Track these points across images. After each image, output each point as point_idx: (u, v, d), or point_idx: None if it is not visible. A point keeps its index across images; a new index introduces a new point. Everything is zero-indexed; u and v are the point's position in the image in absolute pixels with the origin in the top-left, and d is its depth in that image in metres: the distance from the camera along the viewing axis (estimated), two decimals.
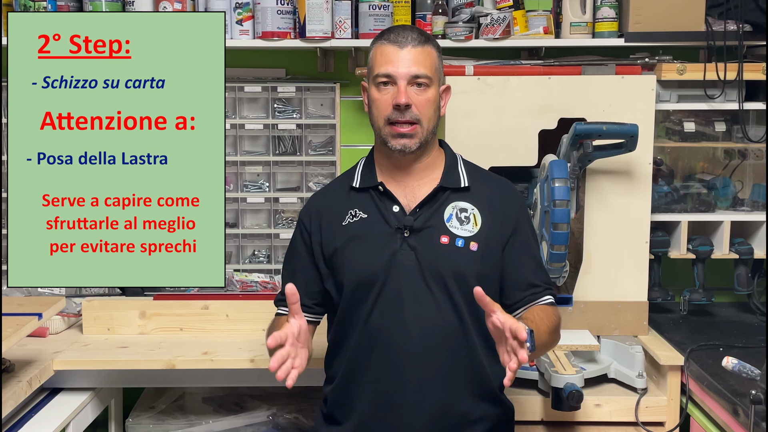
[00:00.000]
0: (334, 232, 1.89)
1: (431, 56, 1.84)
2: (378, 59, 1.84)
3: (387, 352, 1.82)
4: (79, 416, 2.30)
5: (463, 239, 1.84)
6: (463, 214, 1.87)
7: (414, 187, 1.89)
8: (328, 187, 2.03)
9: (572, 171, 2.39)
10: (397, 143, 1.82)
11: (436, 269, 1.82)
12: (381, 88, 1.83)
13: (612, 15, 2.64)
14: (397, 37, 1.83)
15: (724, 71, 2.52)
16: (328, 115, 2.92)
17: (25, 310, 2.13)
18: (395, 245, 1.83)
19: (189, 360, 2.33)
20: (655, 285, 2.65)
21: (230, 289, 2.74)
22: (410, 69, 1.80)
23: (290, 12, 2.69)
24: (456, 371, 1.83)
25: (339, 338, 1.92)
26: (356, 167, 1.97)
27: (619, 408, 2.32)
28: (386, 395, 1.83)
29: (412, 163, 1.89)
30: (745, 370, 2.09)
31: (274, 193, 2.93)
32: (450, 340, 1.82)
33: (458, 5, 2.70)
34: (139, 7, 2.66)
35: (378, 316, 1.83)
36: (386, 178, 1.90)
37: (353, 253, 1.86)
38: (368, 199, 1.89)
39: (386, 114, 1.82)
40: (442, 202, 1.87)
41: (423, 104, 1.82)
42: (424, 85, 1.82)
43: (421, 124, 1.82)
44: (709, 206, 2.68)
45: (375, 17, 2.67)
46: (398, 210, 1.86)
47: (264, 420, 2.62)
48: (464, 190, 1.90)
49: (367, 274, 1.83)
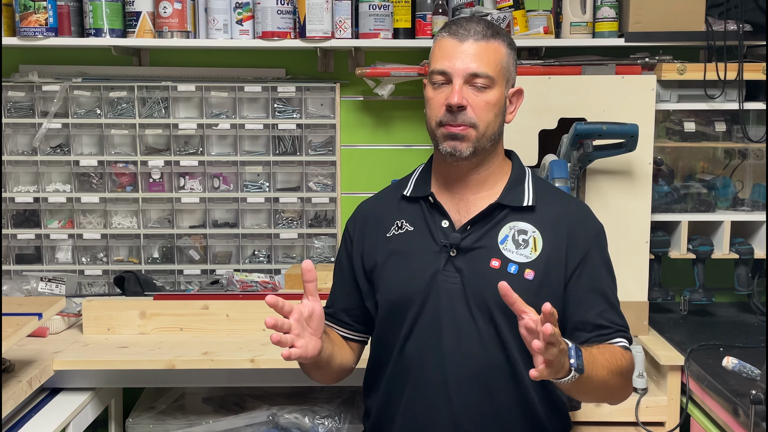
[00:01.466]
0: (376, 244, 1.71)
1: (497, 53, 1.62)
2: (436, 54, 1.64)
3: (421, 387, 1.63)
4: (79, 416, 2.30)
5: (517, 265, 1.62)
6: (521, 237, 1.64)
7: (469, 201, 1.68)
8: (379, 194, 1.84)
9: (572, 171, 2.39)
10: (448, 145, 1.61)
11: (482, 296, 1.60)
12: (436, 87, 1.63)
13: (612, 15, 2.64)
14: (459, 29, 1.62)
15: (725, 71, 2.52)
16: (328, 115, 2.92)
17: (25, 310, 2.13)
18: (438, 265, 1.63)
19: (189, 360, 2.33)
20: (656, 285, 2.65)
21: (230, 289, 2.73)
22: (468, 66, 1.59)
23: (290, 12, 2.69)
24: (498, 417, 1.62)
25: (375, 366, 1.75)
26: (411, 175, 1.78)
27: (619, 408, 2.31)
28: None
29: (469, 173, 1.67)
30: (745, 370, 2.09)
31: (274, 193, 2.93)
32: (493, 379, 1.61)
33: (458, 5, 2.70)
34: (139, 8, 2.67)
35: (414, 344, 1.64)
36: (440, 189, 1.70)
37: (392, 270, 1.67)
38: (418, 210, 1.70)
39: (439, 116, 1.62)
40: (499, 221, 1.65)
41: (481, 107, 1.60)
42: (484, 86, 1.61)
43: (477, 128, 1.61)
44: (709, 206, 2.68)
45: (375, 17, 2.67)
46: (447, 225, 1.66)
47: (264, 420, 2.62)
48: (527, 209, 1.66)
49: (403, 294, 1.64)
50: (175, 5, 2.66)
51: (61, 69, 2.91)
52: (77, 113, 2.88)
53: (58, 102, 2.84)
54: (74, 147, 2.88)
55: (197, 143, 2.91)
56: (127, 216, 2.94)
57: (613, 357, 1.56)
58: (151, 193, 2.91)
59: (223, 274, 2.86)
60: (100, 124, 2.87)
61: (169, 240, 2.93)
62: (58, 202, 2.90)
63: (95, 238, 2.92)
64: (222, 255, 2.97)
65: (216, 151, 2.93)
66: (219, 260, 2.96)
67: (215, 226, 2.95)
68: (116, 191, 2.91)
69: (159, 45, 2.76)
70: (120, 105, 2.88)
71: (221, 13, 2.68)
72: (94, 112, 2.88)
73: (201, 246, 2.95)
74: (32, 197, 2.89)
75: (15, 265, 2.92)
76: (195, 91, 2.87)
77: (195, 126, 2.88)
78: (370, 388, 1.76)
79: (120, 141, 2.91)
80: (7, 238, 2.90)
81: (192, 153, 2.91)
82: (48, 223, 2.92)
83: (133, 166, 2.89)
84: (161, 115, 2.88)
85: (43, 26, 2.64)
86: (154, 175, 2.91)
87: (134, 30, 2.69)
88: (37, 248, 2.93)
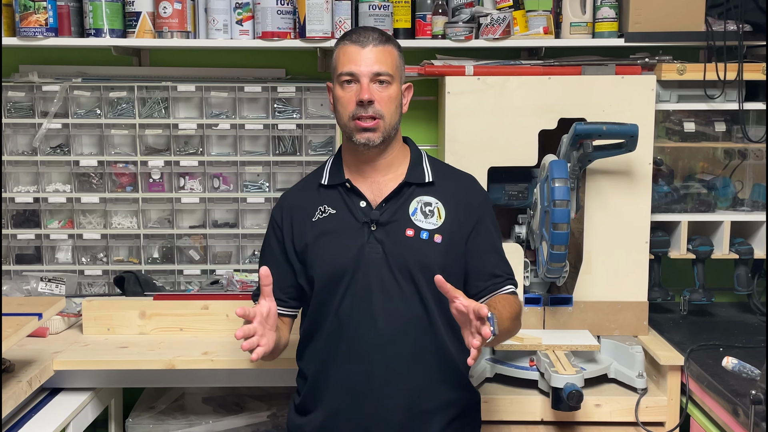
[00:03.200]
0: (304, 228, 1.97)
1: (392, 55, 1.92)
2: (341, 59, 1.92)
3: (356, 342, 1.89)
4: (79, 416, 2.30)
5: (427, 232, 1.92)
6: (427, 208, 1.94)
7: (380, 183, 1.97)
8: (297, 186, 2.12)
9: (572, 171, 2.39)
10: (362, 137, 1.89)
11: (403, 261, 1.89)
12: (345, 87, 1.91)
13: (612, 15, 2.64)
14: (358, 37, 1.91)
15: (724, 71, 2.52)
16: (328, 115, 2.91)
17: (25, 310, 2.13)
18: (363, 239, 1.91)
19: (189, 360, 2.33)
20: (655, 285, 2.65)
21: (230, 289, 2.74)
22: (372, 67, 1.88)
23: (290, 12, 2.69)
24: (423, 360, 1.90)
25: (310, 330, 1.97)
26: (324, 166, 2.05)
27: (619, 408, 2.32)
28: (356, 384, 1.90)
29: (377, 158, 1.96)
30: (745, 370, 2.09)
31: (274, 193, 2.92)
32: (417, 329, 1.89)
33: (458, 5, 2.70)
34: (139, 8, 2.67)
35: (348, 307, 1.90)
36: (353, 175, 1.98)
37: (323, 248, 1.93)
38: (336, 195, 1.97)
39: (350, 110, 1.89)
40: (408, 197, 1.95)
41: (385, 100, 1.89)
42: (385, 83, 1.90)
43: (384, 119, 1.89)
44: (709, 206, 2.68)
45: (375, 17, 2.67)
46: (365, 205, 1.93)
47: (264, 420, 2.63)
48: (429, 185, 1.97)
49: (336, 267, 1.90)
50: (175, 5, 2.66)
51: (61, 69, 2.91)
52: (77, 113, 2.87)
53: (58, 102, 2.84)
54: (74, 147, 2.88)
55: (197, 143, 2.91)
56: (127, 216, 2.93)
57: (510, 306, 1.90)
58: (151, 193, 2.91)
59: (223, 274, 2.86)
60: (100, 124, 2.87)
61: (169, 240, 2.93)
62: (58, 202, 2.90)
63: (95, 238, 2.92)
64: (222, 255, 2.97)
65: (216, 151, 2.93)
66: (219, 260, 2.96)
67: (215, 226, 2.95)
68: (116, 191, 2.91)
69: (159, 45, 2.76)
70: (120, 105, 2.88)
71: (221, 13, 2.68)
72: (94, 112, 2.88)
73: (201, 246, 2.95)
74: (32, 197, 2.89)
75: (15, 265, 2.92)
76: (195, 91, 2.86)
77: (195, 126, 2.88)
78: (305, 350, 2.00)
79: (120, 141, 2.91)
80: (7, 238, 2.89)
81: (192, 153, 2.91)
82: (48, 223, 2.92)
83: (133, 166, 2.89)
84: (161, 115, 2.88)
85: (43, 26, 2.64)
86: (154, 175, 2.91)
87: (134, 30, 2.69)
88: (37, 248, 2.93)
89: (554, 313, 2.52)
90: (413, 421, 1.90)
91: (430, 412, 1.92)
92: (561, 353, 2.35)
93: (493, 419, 2.30)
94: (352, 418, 1.91)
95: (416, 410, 1.90)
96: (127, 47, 2.79)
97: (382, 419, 1.89)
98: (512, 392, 2.36)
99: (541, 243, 2.39)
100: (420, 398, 1.90)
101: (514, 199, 2.60)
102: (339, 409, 1.92)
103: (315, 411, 1.96)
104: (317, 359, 1.95)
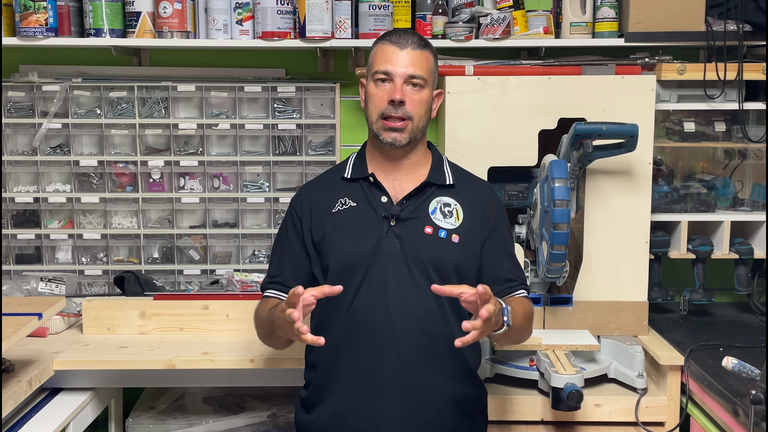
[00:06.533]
0: (323, 219, 1.99)
1: (428, 60, 1.96)
2: (378, 57, 1.96)
3: (370, 335, 1.90)
4: (79, 416, 2.30)
5: (445, 231, 1.95)
6: (446, 209, 1.98)
7: (402, 180, 2.00)
8: (319, 178, 2.13)
9: (572, 171, 2.39)
10: (389, 136, 1.93)
11: (419, 257, 1.92)
12: (379, 85, 1.94)
13: (612, 15, 2.64)
14: (398, 38, 1.95)
15: (724, 71, 2.52)
16: (328, 115, 2.92)
17: (25, 310, 2.13)
18: (381, 232, 1.93)
19: (189, 360, 2.33)
20: (655, 285, 2.65)
21: (230, 289, 2.74)
22: (407, 69, 1.92)
23: (290, 12, 2.69)
24: (435, 354, 1.92)
25: (322, 322, 1.97)
26: (348, 160, 2.08)
27: (619, 408, 2.32)
28: (367, 376, 1.90)
29: (402, 158, 2.00)
30: (745, 370, 2.09)
31: (274, 193, 2.93)
32: (430, 324, 1.92)
33: (458, 5, 2.70)
34: (139, 8, 2.67)
35: (363, 299, 1.91)
36: (376, 170, 2.01)
37: (341, 238, 1.95)
38: (358, 189, 2.00)
39: (381, 108, 1.93)
40: (428, 196, 1.99)
41: (416, 103, 1.93)
42: (419, 86, 1.93)
43: (413, 120, 1.93)
44: (709, 206, 2.68)
45: (375, 17, 2.67)
46: (386, 200, 1.97)
47: (264, 420, 2.63)
48: (449, 187, 2.02)
49: (352, 258, 1.92)
50: (175, 5, 2.66)
51: (61, 69, 2.91)
52: (77, 113, 2.88)
53: (58, 102, 2.84)
54: (74, 147, 2.88)
55: (197, 143, 2.91)
56: (127, 216, 2.94)
57: (523, 305, 1.95)
58: (151, 193, 2.91)
59: (223, 274, 2.86)
60: (100, 124, 2.87)
61: (169, 240, 2.93)
62: (58, 202, 2.90)
63: (95, 238, 2.92)
64: (222, 255, 2.97)
65: (216, 151, 2.93)
66: (219, 260, 2.96)
67: (215, 226, 2.95)
68: (116, 191, 2.91)
69: (159, 45, 2.76)
70: (120, 105, 2.88)
71: (221, 13, 2.68)
72: (94, 112, 2.88)
73: (201, 246, 2.95)
74: (32, 197, 2.89)
75: (15, 265, 2.92)
76: (195, 91, 2.87)
77: (195, 126, 2.88)
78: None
79: (120, 141, 2.91)
80: (7, 238, 2.90)
81: (192, 153, 2.91)
82: (48, 223, 2.92)
83: (133, 166, 2.89)
84: (161, 115, 2.88)
85: (43, 26, 2.64)
86: (154, 175, 2.91)
87: (134, 30, 2.69)
88: (37, 248, 2.93)
89: (554, 313, 2.52)
90: (423, 414, 1.91)
91: (439, 406, 1.93)
92: (561, 353, 2.35)
93: (493, 419, 2.29)
94: (361, 410, 1.91)
95: (426, 404, 1.92)
96: (127, 47, 2.79)
97: (392, 412, 1.89)
98: (512, 392, 2.36)
99: (541, 243, 2.39)
100: (430, 392, 1.92)
101: (514, 199, 2.61)
102: (350, 400, 1.92)
103: (323, 403, 1.96)
104: (328, 350, 1.91)
